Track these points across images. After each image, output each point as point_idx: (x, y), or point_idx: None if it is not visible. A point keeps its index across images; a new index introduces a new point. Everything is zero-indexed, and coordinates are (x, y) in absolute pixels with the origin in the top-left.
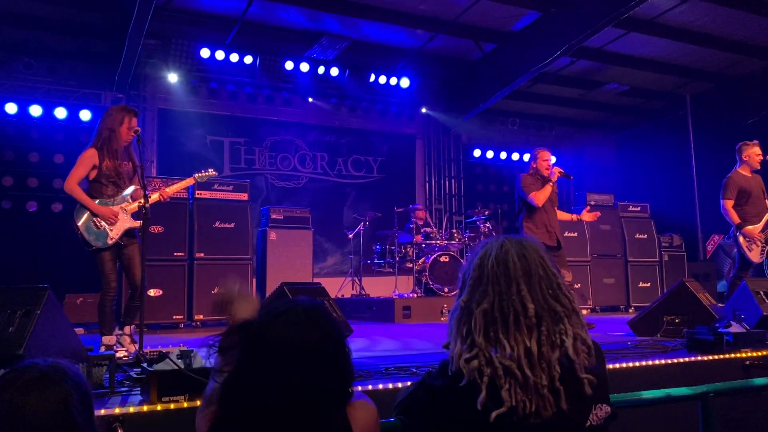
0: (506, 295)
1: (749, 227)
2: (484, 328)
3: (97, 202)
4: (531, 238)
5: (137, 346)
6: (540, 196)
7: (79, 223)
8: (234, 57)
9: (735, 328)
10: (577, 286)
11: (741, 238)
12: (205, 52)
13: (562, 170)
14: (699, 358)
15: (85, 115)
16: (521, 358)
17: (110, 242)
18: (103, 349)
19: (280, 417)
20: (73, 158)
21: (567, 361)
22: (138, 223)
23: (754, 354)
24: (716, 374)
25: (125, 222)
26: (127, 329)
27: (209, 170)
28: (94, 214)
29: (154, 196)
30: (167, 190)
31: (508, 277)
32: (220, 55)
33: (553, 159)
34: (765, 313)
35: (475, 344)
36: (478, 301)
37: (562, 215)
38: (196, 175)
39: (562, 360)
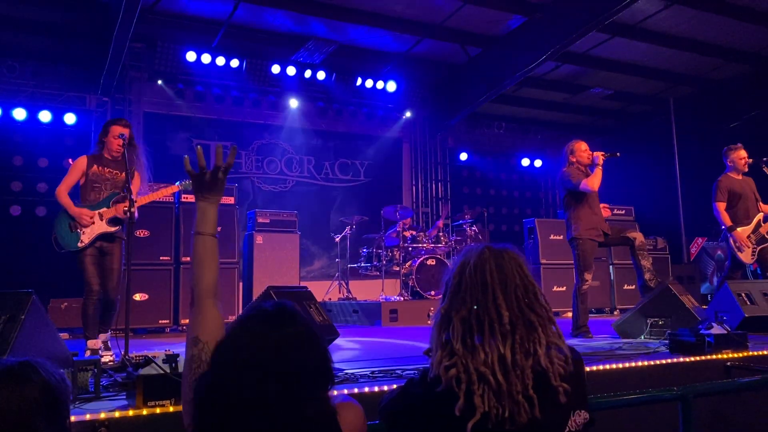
0: (483, 302)
1: (739, 230)
2: (462, 334)
3: (77, 204)
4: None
5: (112, 354)
6: (594, 181)
7: (56, 226)
8: (220, 60)
9: (717, 329)
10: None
11: (732, 240)
12: (191, 56)
13: (604, 152)
14: (681, 359)
15: (69, 118)
16: (495, 365)
17: (80, 246)
18: (88, 353)
19: (260, 419)
20: (57, 162)
21: (541, 369)
22: (113, 229)
23: (736, 355)
24: (698, 375)
25: (99, 227)
26: (102, 336)
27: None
28: (70, 217)
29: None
30: (141, 200)
31: (485, 285)
32: (206, 58)
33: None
34: (747, 315)
35: (454, 351)
36: (457, 308)
37: None
38: (180, 183)
39: (535, 368)
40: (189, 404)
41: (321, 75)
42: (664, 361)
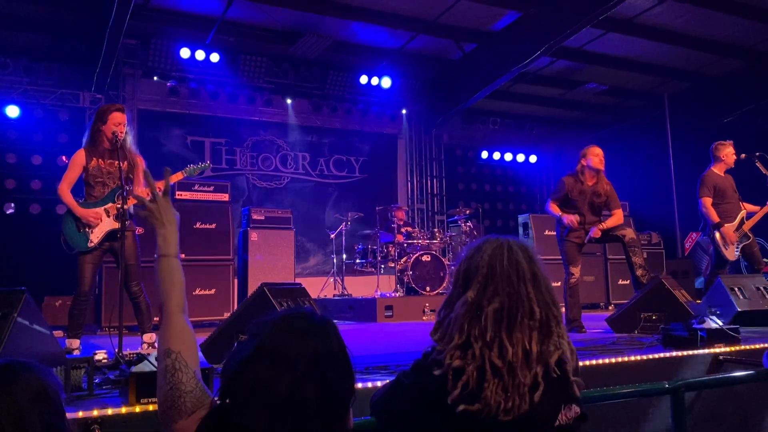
0: (516, 295)
1: (726, 226)
2: (493, 326)
3: (82, 203)
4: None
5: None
6: (555, 213)
7: (63, 227)
8: (214, 57)
9: (709, 324)
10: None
11: (717, 236)
12: (185, 52)
13: (599, 228)
14: (674, 353)
15: (63, 115)
16: (518, 358)
17: (90, 246)
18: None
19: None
20: (51, 159)
21: (561, 364)
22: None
23: (728, 349)
24: (691, 369)
25: (107, 224)
26: (146, 337)
27: (201, 163)
28: (76, 217)
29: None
30: (158, 184)
31: (518, 278)
32: (200, 55)
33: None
34: (740, 309)
35: (471, 342)
36: (489, 298)
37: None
38: (184, 170)
39: (558, 362)
40: (167, 413)
41: (315, 71)
42: (656, 356)
